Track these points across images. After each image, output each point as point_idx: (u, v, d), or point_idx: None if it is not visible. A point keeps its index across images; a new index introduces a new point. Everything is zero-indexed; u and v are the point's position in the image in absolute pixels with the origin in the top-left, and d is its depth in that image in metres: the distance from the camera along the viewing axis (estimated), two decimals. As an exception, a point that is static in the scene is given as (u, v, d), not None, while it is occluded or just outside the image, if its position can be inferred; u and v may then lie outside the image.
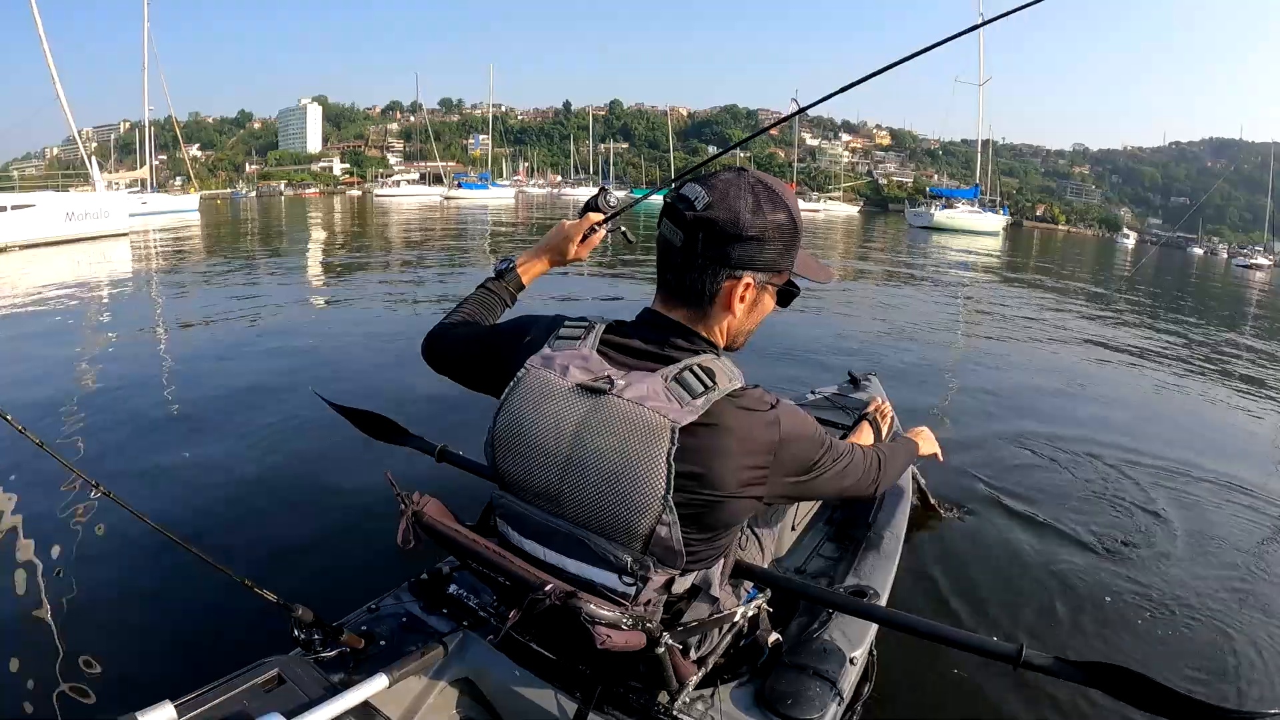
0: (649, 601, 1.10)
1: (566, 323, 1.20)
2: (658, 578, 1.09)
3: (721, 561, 1.22)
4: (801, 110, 2.07)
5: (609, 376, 1.09)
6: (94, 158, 22.46)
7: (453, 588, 1.49)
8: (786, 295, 1.19)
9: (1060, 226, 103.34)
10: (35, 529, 2.72)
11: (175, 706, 1.02)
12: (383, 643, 1.33)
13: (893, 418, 2.38)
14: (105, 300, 9.02)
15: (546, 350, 1.16)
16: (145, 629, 2.20)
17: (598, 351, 1.13)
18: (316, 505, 3.06)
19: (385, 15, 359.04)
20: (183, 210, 31.59)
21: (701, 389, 1.04)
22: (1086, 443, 4.41)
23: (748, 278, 1.10)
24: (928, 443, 1.74)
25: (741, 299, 1.12)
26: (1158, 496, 3.68)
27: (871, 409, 2.25)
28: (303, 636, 1.25)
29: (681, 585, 1.14)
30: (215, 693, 1.09)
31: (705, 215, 1.05)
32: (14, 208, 16.54)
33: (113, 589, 2.40)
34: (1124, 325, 10.67)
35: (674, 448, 1.01)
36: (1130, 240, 68.15)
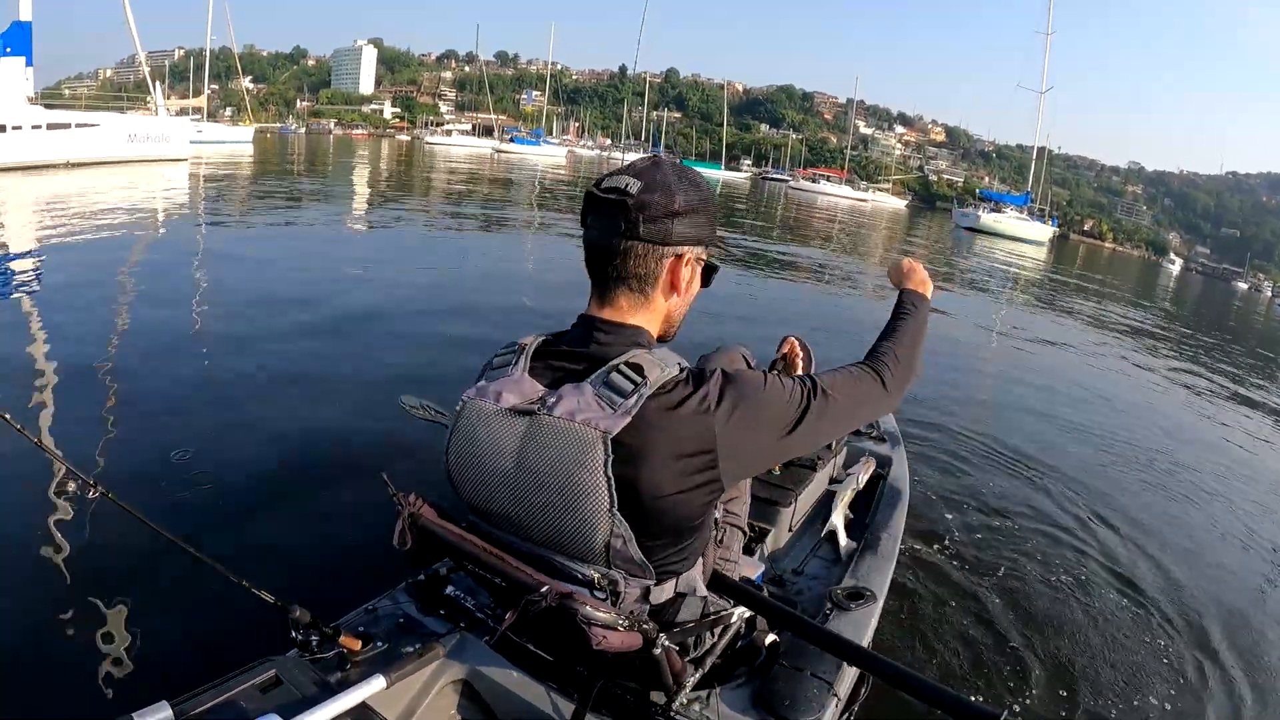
0: (633, 611, 1.11)
1: (499, 351, 1.21)
2: (631, 590, 1.10)
3: (700, 563, 1.22)
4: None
5: (541, 397, 1.08)
6: (159, 83, 22.79)
7: (450, 589, 1.49)
8: (709, 273, 1.22)
9: (1107, 244, 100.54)
10: (29, 526, 2.69)
11: (172, 707, 1.01)
12: (380, 644, 1.32)
13: (805, 359, 2.17)
14: (149, 239, 9.22)
15: (481, 382, 1.16)
16: (141, 629, 2.17)
17: (530, 372, 1.13)
18: (313, 505, 3.04)
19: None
20: (238, 141, 31.96)
21: (631, 387, 1.03)
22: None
23: (689, 253, 1.13)
24: (924, 282, 1.51)
25: (685, 278, 1.15)
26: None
27: (780, 352, 2.10)
28: (300, 637, 1.25)
29: (661, 594, 1.14)
30: (212, 693, 1.09)
31: (644, 198, 1.07)
32: (78, 125, 16.89)
33: (108, 588, 2.37)
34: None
35: (610, 458, 1.01)
36: (1176, 266, 66.24)
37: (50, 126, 15.89)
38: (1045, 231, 45.11)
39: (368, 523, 2.66)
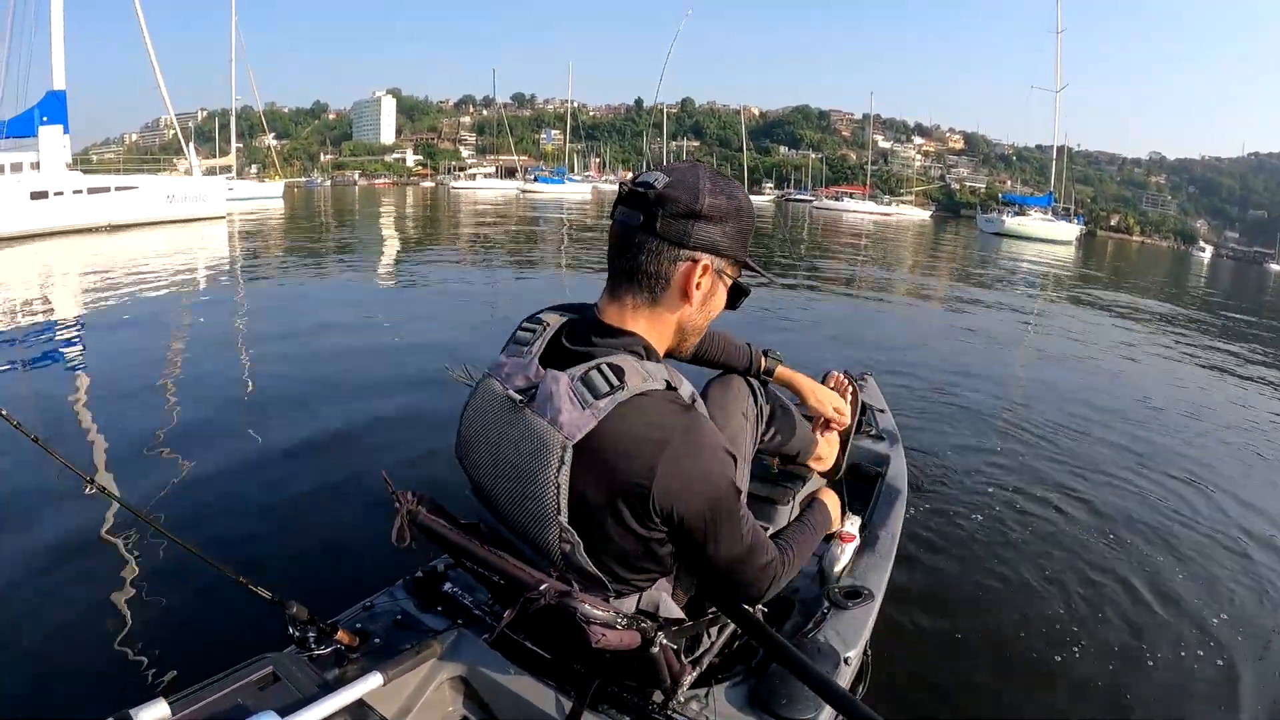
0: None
1: (523, 324, 1.19)
2: (588, 600, 1.06)
3: (671, 582, 1.19)
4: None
5: (531, 386, 1.07)
6: (191, 143, 23.65)
7: (447, 586, 1.50)
8: (736, 295, 1.18)
9: (1135, 237, 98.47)
10: (26, 523, 2.73)
11: (169, 704, 1.02)
12: (377, 640, 1.34)
13: (854, 395, 2.13)
14: (185, 286, 9.52)
15: (503, 357, 1.16)
16: (138, 625, 2.17)
17: (541, 358, 1.11)
18: (311, 502, 3.06)
19: (458, 8, 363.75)
20: (268, 196, 32.87)
21: (606, 389, 1.00)
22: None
23: (705, 260, 1.08)
24: (835, 508, 1.58)
25: (698, 285, 1.10)
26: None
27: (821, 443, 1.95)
28: (297, 634, 1.26)
29: (622, 606, 1.11)
30: (209, 690, 1.10)
31: (666, 192, 1.05)
32: (118, 189, 17.52)
33: (106, 585, 2.39)
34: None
35: (564, 466, 1.00)
36: (1206, 254, 64.30)
37: (91, 191, 16.54)
38: (1072, 230, 44.39)
39: (366, 520, 2.68)
